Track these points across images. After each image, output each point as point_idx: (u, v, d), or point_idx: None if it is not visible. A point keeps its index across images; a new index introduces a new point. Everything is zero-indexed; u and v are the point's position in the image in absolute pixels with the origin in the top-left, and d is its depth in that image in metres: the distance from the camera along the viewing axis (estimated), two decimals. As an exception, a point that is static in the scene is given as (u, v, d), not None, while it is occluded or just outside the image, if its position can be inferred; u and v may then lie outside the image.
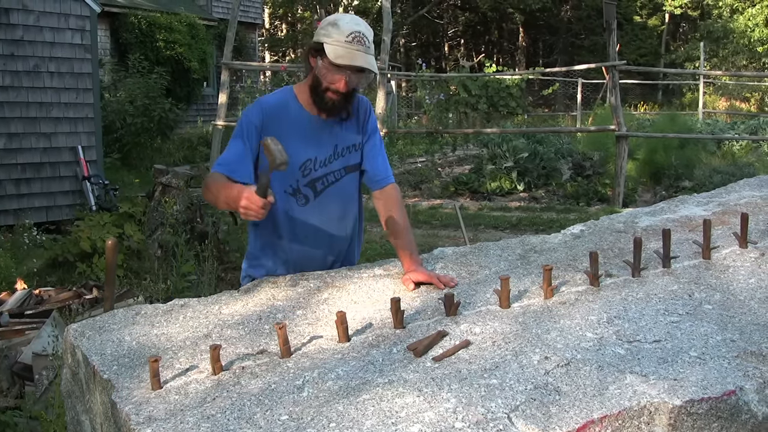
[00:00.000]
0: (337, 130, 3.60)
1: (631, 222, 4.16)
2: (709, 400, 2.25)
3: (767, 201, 4.37)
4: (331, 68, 3.35)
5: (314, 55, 3.42)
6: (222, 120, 17.24)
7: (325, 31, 3.36)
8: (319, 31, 3.39)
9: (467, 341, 2.66)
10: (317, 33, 3.41)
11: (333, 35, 3.32)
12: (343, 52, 3.30)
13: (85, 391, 2.86)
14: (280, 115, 3.48)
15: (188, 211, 8.93)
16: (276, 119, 3.46)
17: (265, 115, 3.45)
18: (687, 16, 48.86)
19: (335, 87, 3.40)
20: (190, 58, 23.41)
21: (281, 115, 3.48)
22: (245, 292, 3.37)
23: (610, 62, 14.47)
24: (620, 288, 3.12)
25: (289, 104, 3.52)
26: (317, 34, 3.40)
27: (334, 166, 3.61)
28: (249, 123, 3.44)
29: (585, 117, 29.55)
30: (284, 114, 3.48)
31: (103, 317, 3.16)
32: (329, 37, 3.33)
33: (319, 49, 3.36)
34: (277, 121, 3.46)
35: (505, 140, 16.89)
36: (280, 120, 3.47)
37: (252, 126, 3.42)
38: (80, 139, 11.63)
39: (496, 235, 11.05)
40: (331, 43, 3.31)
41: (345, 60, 3.31)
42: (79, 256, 8.34)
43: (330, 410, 2.24)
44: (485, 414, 2.15)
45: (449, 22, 53.97)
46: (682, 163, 15.63)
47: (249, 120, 3.45)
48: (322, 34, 3.37)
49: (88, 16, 11.66)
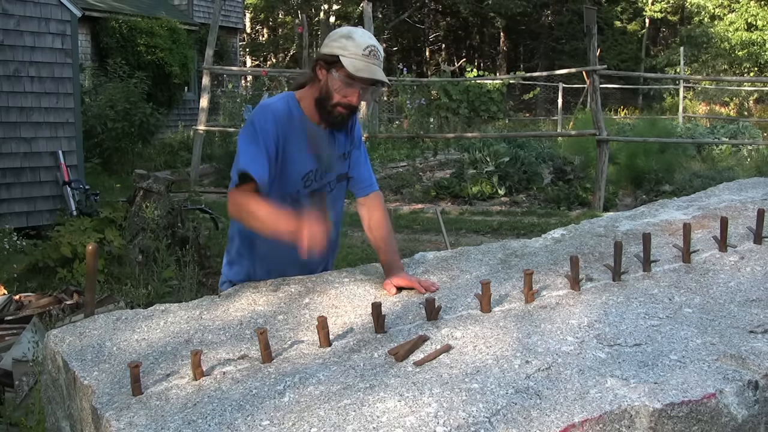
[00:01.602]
0: (332, 140, 3.58)
1: (611, 226, 4.17)
2: (689, 403, 2.26)
3: (747, 205, 4.39)
4: (346, 81, 3.31)
5: (325, 68, 3.36)
6: (203, 125, 17.25)
7: (339, 44, 3.31)
8: (331, 44, 3.34)
9: (448, 346, 2.66)
10: (328, 45, 3.36)
11: (349, 48, 3.29)
12: (362, 66, 3.28)
13: (65, 397, 2.85)
14: (287, 123, 3.42)
15: (169, 216, 8.90)
16: (285, 127, 3.41)
17: (277, 123, 3.38)
18: (667, 21, 49.11)
19: (347, 101, 3.36)
20: (171, 62, 23.34)
21: (288, 123, 3.42)
22: (226, 298, 3.36)
23: (590, 67, 14.51)
24: (601, 292, 3.13)
25: (293, 113, 3.47)
26: (328, 47, 3.35)
27: (329, 176, 3.61)
28: (263, 128, 3.34)
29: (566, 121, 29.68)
30: (290, 123, 3.43)
31: (84, 323, 3.15)
32: (345, 50, 3.29)
33: (333, 61, 3.32)
34: (286, 130, 3.41)
35: (486, 145, 16.90)
36: (288, 128, 3.42)
37: (266, 131, 3.34)
38: (61, 143, 11.58)
39: (477, 240, 11.05)
40: (349, 56, 3.27)
41: (365, 73, 3.29)
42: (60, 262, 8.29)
43: (311, 415, 2.24)
44: (466, 418, 2.15)
45: (430, 26, 54.05)
46: (663, 168, 15.68)
47: (262, 126, 3.35)
48: (335, 46, 3.32)
49: (69, 21, 11.61)
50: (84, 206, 11.22)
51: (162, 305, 3.31)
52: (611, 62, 40.42)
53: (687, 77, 26.61)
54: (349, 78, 3.29)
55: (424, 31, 52.92)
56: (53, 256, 8.35)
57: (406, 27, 49.71)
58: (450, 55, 52.68)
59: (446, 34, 54.89)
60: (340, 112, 3.40)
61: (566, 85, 32.75)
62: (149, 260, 8.22)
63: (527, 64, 50.95)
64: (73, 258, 8.28)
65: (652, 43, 50.71)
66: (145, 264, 8.24)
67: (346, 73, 3.28)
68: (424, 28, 52.69)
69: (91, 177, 14.81)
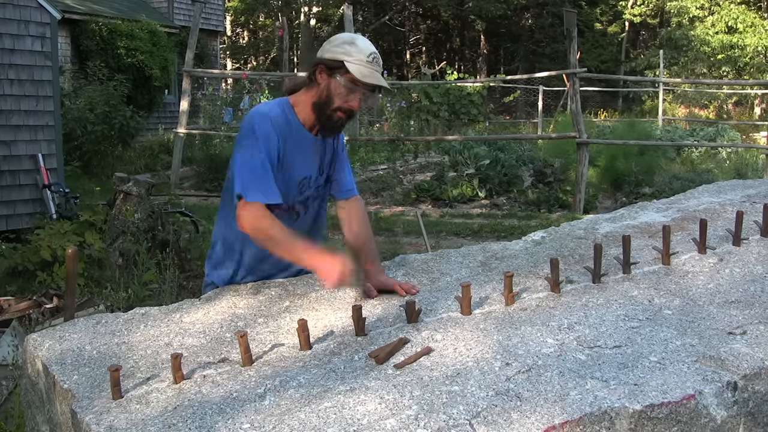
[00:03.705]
0: (322, 145, 3.59)
1: (591, 228, 4.19)
2: (668, 404, 2.27)
3: (725, 207, 4.41)
4: (349, 87, 3.33)
5: (327, 73, 3.37)
6: (183, 128, 17.22)
7: (342, 50, 3.33)
8: (333, 49, 3.36)
9: (429, 348, 2.67)
10: (330, 51, 3.37)
11: (354, 54, 3.31)
12: (367, 72, 3.31)
13: (45, 401, 2.84)
14: (285, 129, 3.41)
15: (149, 220, 8.88)
16: (284, 134, 3.40)
17: (277, 130, 3.37)
18: (647, 24, 49.28)
19: (349, 106, 3.38)
20: (151, 65, 23.27)
21: (285, 130, 3.41)
22: (206, 301, 3.35)
23: (570, 70, 14.54)
24: (581, 294, 3.14)
25: (289, 119, 3.46)
26: (330, 52, 3.36)
27: (319, 182, 3.63)
28: (265, 135, 3.33)
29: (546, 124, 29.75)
30: (287, 129, 3.42)
31: (64, 326, 3.14)
32: (350, 56, 3.31)
33: (337, 67, 3.33)
34: (285, 136, 3.40)
35: (466, 147, 16.92)
36: (287, 135, 3.41)
37: (270, 138, 3.32)
38: (40, 147, 11.51)
39: (458, 242, 11.07)
40: (354, 62, 3.30)
41: (371, 79, 3.32)
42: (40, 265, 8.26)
43: (292, 418, 2.24)
44: (447, 421, 2.16)
45: (411, 29, 54.06)
46: (642, 170, 15.74)
47: (264, 132, 3.33)
48: (338, 52, 3.33)
49: (49, 23, 11.56)
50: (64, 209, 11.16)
51: (142, 309, 3.30)
52: (591, 64, 40.54)
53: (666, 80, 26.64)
54: (354, 83, 3.32)
55: (404, 34, 52.95)
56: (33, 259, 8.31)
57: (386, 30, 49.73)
58: (430, 58, 52.73)
59: (427, 37, 54.95)
60: (339, 117, 3.42)
61: (546, 88, 32.87)
62: (129, 263, 8.19)
63: (507, 66, 51.02)
64: (53, 261, 8.24)
65: (631, 46, 50.92)
66: (126, 267, 8.22)
67: (351, 78, 3.31)
68: (404, 31, 52.72)
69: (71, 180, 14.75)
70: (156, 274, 7.79)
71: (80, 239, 8.61)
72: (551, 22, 46.64)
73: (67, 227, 8.83)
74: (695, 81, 35.32)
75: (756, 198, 4.61)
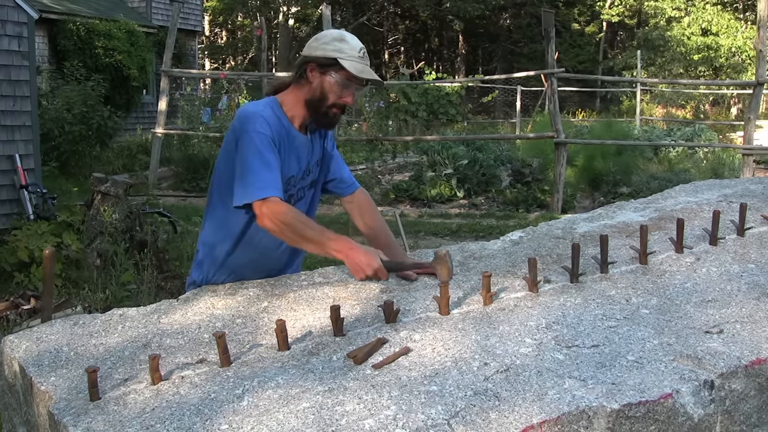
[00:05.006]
0: (310, 147, 3.62)
1: (569, 228, 4.19)
2: (646, 403, 2.28)
3: (702, 206, 4.43)
4: (344, 83, 3.40)
5: (319, 70, 3.41)
6: (161, 128, 17.18)
7: (334, 47, 3.39)
8: (324, 47, 3.41)
9: (407, 348, 2.67)
10: (321, 48, 3.42)
11: (346, 51, 3.38)
12: (361, 67, 3.39)
13: (22, 402, 2.83)
14: (276, 129, 3.42)
15: (127, 220, 8.85)
16: (277, 131, 3.41)
17: (270, 127, 3.38)
18: (624, 25, 49.48)
19: (343, 101, 3.45)
20: (129, 65, 23.19)
21: (277, 129, 3.42)
22: (185, 302, 3.34)
23: (548, 70, 14.59)
24: (559, 294, 3.15)
25: (279, 118, 3.47)
26: (322, 50, 3.41)
27: (304, 182, 3.65)
28: (264, 136, 3.33)
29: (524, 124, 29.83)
30: (279, 128, 3.43)
31: (41, 328, 3.13)
32: (342, 52, 3.37)
33: (330, 64, 3.38)
34: (278, 133, 3.42)
35: (444, 147, 16.96)
36: (279, 132, 3.43)
37: (269, 138, 3.34)
38: (17, 147, 11.43)
39: (436, 242, 11.08)
40: (348, 59, 3.37)
41: (365, 74, 3.40)
42: (17, 266, 8.22)
43: (270, 419, 2.23)
44: (425, 421, 2.16)
45: (389, 29, 54.07)
46: (620, 170, 15.83)
47: (262, 133, 3.34)
48: (330, 49, 3.39)
49: (26, 23, 11.48)
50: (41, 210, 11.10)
51: (120, 309, 3.29)
52: (569, 64, 40.64)
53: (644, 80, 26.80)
54: (349, 79, 3.39)
55: (383, 34, 52.95)
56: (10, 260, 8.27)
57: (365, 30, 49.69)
58: (409, 58, 52.75)
59: (405, 37, 55.00)
60: (335, 113, 3.50)
61: (525, 88, 32.96)
62: (107, 264, 8.16)
63: (486, 66, 51.12)
64: (30, 262, 8.21)
65: (609, 46, 51.08)
66: (103, 268, 8.19)
67: (347, 74, 3.38)
68: (383, 31, 52.72)
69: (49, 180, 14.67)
70: (134, 274, 7.77)
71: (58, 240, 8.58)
72: (529, 22, 46.76)
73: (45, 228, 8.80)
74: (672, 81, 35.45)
75: (732, 197, 4.63)
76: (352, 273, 3.21)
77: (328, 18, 15.46)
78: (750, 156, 13.98)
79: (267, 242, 3.58)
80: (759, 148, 15.73)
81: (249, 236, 3.57)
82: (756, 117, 14.47)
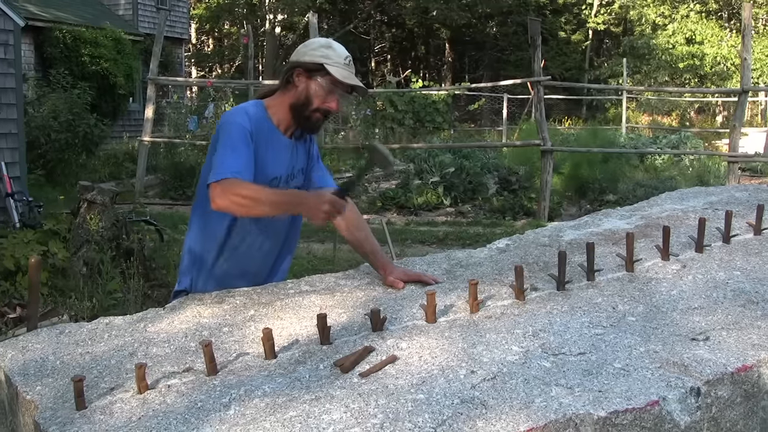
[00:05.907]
0: (294, 152, 3.65)
1: (555, 236, 4.20)
2: (633, 410, 2.28)
3: (688, 214, 4.45)
4: (329, 88, 3.45)
5: (305, 75, 3.47)
6: (148, 135, 17.16)
7: (321, 53, 3.46)
8: (312, 53, 3.48)
9: (394, 356, 2.67)
10: (308, 54, 3.48)
11: (332, 57, 3.45)
12: (346, 74, 3.45)
13: (8, 412, 2.82)
14: (259, 128, 3.45)
15: (114, 228, 8.82)
16: (258, 129, 3.45)
17: (252, 124, 3.41)
18: (610, 33, 49.63)
19: (326, 106, 3.49)
20: (115, 73, 23.19)
21: (260, 128, 3.46)
22: (171, 310, 3.33)
23: (535, 78, 14.64)
24: (545, 301, 3.15)
25: (263, 118, 3.52)
26: (309, 55, 3.48)
27: (288, 187, 3.64)
28: (243, 129, 3.36)
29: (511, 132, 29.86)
30: (262, 128, 3.47)
31: (27, 337, 3.11)
32: (329, 59, 3.44)
33: (316, 69, 3.44)
34: (259, 131, 3.45)
35: (431, 155, 16.96)
36: (260, 133, 3.45)
37: (247, 132, 3.36)
38: (3, 155, 11.41)
39: (423, 250, 11.07)
40: (334, 65, 3.43)
41: (350, 80, 3.46)
42: (2, 275, 8.18)
43: (257, 428, 2.23)
44: (412, 429, 2.16)
45: (376, 37, 54.10)
46: (606, 177, 15.87)
47: (242, 127, 3.37)
48: (317, 55, 3.45)
49: (12, 30, 11.46)
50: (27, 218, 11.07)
51: (106, 318, 3.28)
52: (555, 72, 40.75)
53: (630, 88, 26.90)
54: (334, 85, 3.44)
55: (369, 42, 52.99)
56: (-5, 269, 8.24)
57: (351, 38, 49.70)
58: (395, 66, 52.84)
59: (392, 45, 55.04)
60: (318, 118, 3.53)
61: (511, 96, 33.00)
62: (94, 273, 8.14)
63: (472, 74, 51.22)
64: (16, 271, 8.17)
65: (595, 54, 51.21)
66: (90, 276, 8.16)
67: (332, 80, 3.44)
68: (369, 39, 52.75)
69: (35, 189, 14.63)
70: (120, 283, 7.74)
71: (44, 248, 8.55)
72: (515, 30, 46.84)
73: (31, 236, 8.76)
74: (658, 89, 35.63)
75: (718, 205, 4.65)
76: (312, 222, 3.24)
77: (315, 26, 15.48)
78: (735, 163, 14.05)
79: (249, 244, 3.62)
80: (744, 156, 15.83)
81: (231, 241, 3.60)
82: (741, 125, 14.56)
